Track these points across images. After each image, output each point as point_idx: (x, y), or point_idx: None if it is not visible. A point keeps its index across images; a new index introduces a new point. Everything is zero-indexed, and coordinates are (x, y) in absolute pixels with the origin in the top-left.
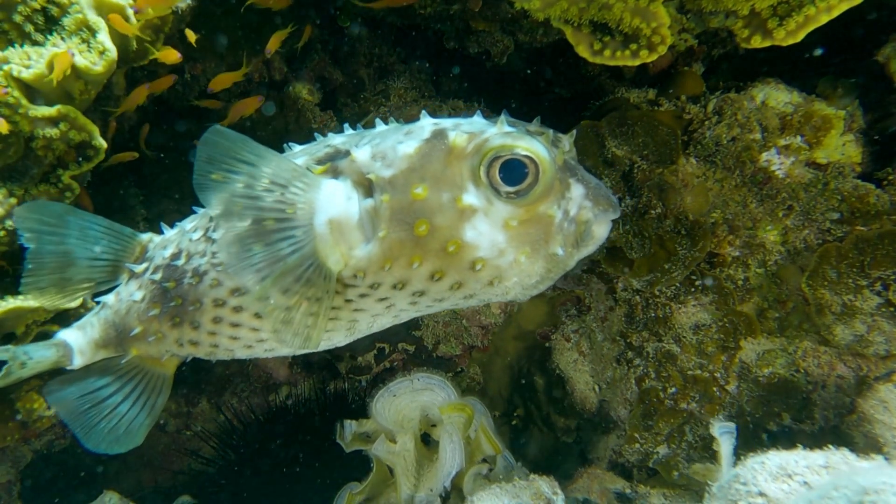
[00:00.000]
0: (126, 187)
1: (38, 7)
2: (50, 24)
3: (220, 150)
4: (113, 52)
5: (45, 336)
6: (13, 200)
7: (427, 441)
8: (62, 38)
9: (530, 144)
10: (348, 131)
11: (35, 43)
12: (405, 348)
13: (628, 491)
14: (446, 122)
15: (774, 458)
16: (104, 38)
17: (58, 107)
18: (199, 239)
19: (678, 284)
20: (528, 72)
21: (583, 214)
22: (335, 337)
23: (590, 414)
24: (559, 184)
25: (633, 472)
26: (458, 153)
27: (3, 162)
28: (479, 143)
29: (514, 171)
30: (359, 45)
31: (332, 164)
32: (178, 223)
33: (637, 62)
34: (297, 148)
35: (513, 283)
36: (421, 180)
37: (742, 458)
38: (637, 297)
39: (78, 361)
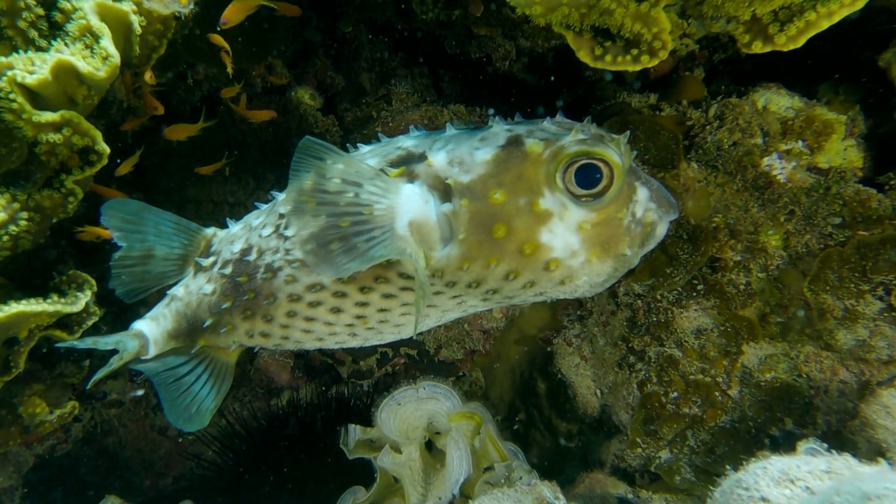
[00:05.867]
0: (128, 192)
1: (42, 13)
2: (54, 29)
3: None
4: (116, 57)
5: (47, 341)
6: (16, 205)
7: (430, 448)
8: (66, 44)
9: (605, 150)
10: (414, 133)
11: (39, 49)
12: (407, 352)
13: (630, 496)
14: (520, 129)
15: (777, 463)
16: (107, 43)
17: (61, 112)
18: (271, 235)
19: (680, 289)
20: (530, 76)
21: (648, 216)
22: (405, 331)
23: (592, 418)
24: (626, 187)
25: (636, 476)
26: (535, 159)
27: (7, 167)
28: (556, 150)
29: (588, 175)
30: (360, 50)
31: (408, 168)
32: (243, 218)
33: (638, 67)
34: (366, 149)
35: (582, 282)
36: (499, 185)
37: (744, 462)
38: (639, 302)
39: (152, 351)
